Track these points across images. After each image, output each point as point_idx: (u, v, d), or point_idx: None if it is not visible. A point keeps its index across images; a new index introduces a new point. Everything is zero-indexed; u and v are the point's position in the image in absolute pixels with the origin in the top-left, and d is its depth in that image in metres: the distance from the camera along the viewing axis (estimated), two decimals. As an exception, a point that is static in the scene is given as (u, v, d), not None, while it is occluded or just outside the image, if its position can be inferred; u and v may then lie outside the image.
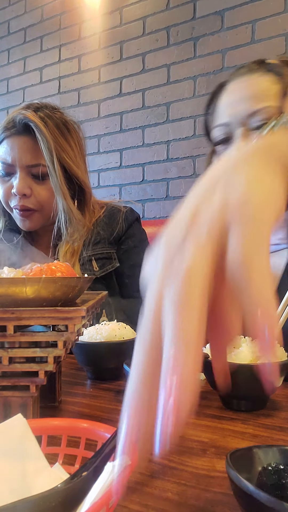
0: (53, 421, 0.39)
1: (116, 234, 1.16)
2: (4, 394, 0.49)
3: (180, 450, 0.47)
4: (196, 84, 2.07)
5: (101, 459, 0.32)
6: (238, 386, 0.58)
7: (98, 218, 1.17)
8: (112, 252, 1.15)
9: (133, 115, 2.28)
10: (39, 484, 0.31)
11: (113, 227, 1.17)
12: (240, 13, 1.94)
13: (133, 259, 1.17)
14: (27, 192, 1.07)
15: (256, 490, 0.29)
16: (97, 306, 0.61)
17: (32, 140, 1.05)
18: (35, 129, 1.03)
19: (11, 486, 0.30)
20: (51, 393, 0.62)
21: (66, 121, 1.11)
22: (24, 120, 1.04)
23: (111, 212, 1.20)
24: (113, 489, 0.27)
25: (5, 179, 1.09)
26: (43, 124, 1.04)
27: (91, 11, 2.44)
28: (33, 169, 1.07)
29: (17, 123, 1.05)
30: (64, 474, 0.34)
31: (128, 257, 1.16)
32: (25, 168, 1.07)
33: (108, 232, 1.16)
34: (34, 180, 1.08)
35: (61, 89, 2.56)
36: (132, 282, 1.16)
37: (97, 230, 1.15)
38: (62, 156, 1.06)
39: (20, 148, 1.06)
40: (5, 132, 1.07)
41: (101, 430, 0.37)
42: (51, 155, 1.03)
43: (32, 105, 1.10)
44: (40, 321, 0.48)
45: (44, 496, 0.28)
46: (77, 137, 1.14)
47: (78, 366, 0.82)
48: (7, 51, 2.80)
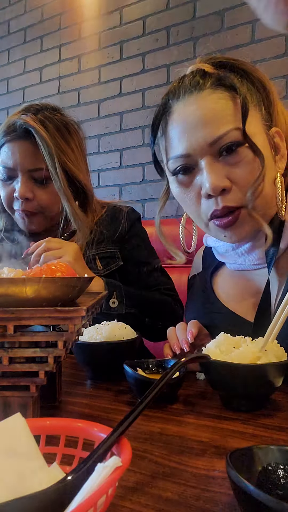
0: (52, 421, 0.39)
1: (119, 233, 1.17)
2: (4, 394, 0.49)
3: (180, 450, 0.47)
4: (196, 84, 2.07)
5: (93, 461, 0.32)
6: (238, 386, 0.58)
7: (100, 218, 1.17)
8: (115, 251, 1.15)
9: (133, 115, 2.28)
10: (35, 484, 0.31)
11: (116, 226, 1.17)
12: (240, 13, 1.94)
13: (138, 256, 1.18)
14: (29, 196, 1.07)
15: (256, 490, 0.29)
16: (97, 306, 0.61)
17: (33, 145, 1.05)
18: (35, 134, 1.03)
19: (7, 485, 0.30)
20: (51, 393, 0.62)
21: (66, 122, 1.11)
22: (25, 125, 1.04)
23: (113, 212, 1.20)
24: (103, 489, 0.27)
25: (7, 182, 1.10)
26: (43, 130, 1.04)
27: (91, 11, 2.44)
28: (35, 173, 1.07)
29: (18, 127, 1.05)
30: (61, 474, 0.34)
31: (132, 256, 1.17)
32: (26, 172, 1.07)
33: (111, 231, 1.16)
34: (36, 184, 1.08)
35: (61, 89, 2.56)
36: (139, 279, 1.17)
37: (100, 229, 1.15)
38: (63, 160, 1.06)
39: (21, 152, 1.06)
40: (5, 136, 1.07)
41: (99, 431, 0.37)
42: (53, 160, 1.04)
43: (32, 107, 1.10)
44: (40, 321, 0.48)
45: (33, 496, 0.28)
46: (77, 138, 1.14)
47: (78, 366, 0.82)
48: (7, 51, 2.80)
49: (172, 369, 0.49)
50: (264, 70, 0.84)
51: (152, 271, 1.18)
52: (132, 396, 0.66)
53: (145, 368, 0.70)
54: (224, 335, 0.65)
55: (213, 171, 0.73)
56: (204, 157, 0.74)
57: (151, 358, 0.74)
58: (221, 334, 0.66)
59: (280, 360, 0.60)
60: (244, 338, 0.64)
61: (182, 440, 0.50)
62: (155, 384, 0.44)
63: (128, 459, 0.31)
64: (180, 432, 0.52)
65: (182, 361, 0.53)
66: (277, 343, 0.63)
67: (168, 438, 0.50)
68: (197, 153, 0.74)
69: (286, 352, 0.62)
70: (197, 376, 0.76)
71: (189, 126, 0.74)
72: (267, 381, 0.58)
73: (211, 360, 0.59)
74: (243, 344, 0.62)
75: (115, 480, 0.29)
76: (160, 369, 0.71)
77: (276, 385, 0.59)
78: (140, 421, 0.54)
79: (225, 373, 0.59)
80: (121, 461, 0.30)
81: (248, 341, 0.63)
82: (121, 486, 0.39)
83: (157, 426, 0.54)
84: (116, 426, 0.36)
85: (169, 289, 1.19)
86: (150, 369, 0.71)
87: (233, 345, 0.62)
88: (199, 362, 0.64)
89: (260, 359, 0.60)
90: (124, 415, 0.38)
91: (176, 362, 0.52)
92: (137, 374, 0.64)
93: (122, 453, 0.33)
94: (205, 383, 0.72)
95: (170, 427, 0.54)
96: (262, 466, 0.35)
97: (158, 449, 0.47)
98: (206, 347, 0.64)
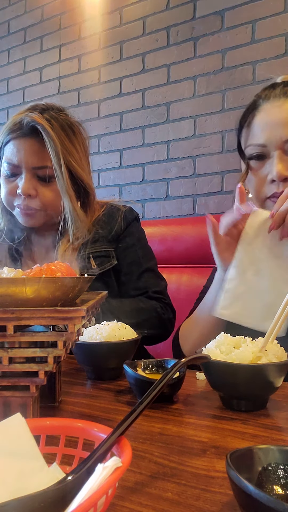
0: (52, 421, 0.39)
1: (115, 233, 1.16)
2: (4, 394, 0.49)
3: (180, 450, 0.47)
4: (196, 84, 2.07)
5: (93, 461, 0.32)
6: (238, 386, 0.58)
7: (97, 217, 1.17)
8: (110, 251, 1.15)
9: (133, 115, 2.28)
10: (35, 484, 0.31)
11: (111, 226, 1.17)
12: (240, 13, 1.94)
13: (131, 257, 1.17)
14: (32, 193, 1.07)
15: (256, 490, 0.29)
16: (97, 306, 0.61)
17: (39, 142, 1.05)
18: (42, 132, 1.04)
19: (6, 485, 0.30)
20: (51, 393, 0.62)
21: (71, 123, 1.12)
22: (32, 123, 1.04)
23: (111, 211, 1.20)
24: (103, 489, 0.27)
25: (11, 179, 1.10)
26: (50, 127, 1.04)
27: (91, 11, 2.44)
28: (39, 171, 1.07)
29: (24, 125, 1.05)
30: (60, 474, 0.34)
31: (126, 255, 1.17)
32: (31, 169, 1.07)
33: (107, 231, 1.16)
34: (40, 181, 1.08)
35: (61, 89, 2.56)
36: (129, 280, 1.16)
37: (96, 228, 1.15)
38: (68, 159, 1.07)
39: (27, 150, 1.06)
40: (11, 133, 1.08)
41: (99, 431, 0.37)
42: (58, 158, 1.04)
43: (38, 106, 1.11)
44: (40, 321, 0.48)
45: (33, 497, 0.28)
46: (81, 139, 1.15)
47: (78, 366, 0.82)
48: (7, 51, 2.80)
49: (172, 369, 0.49)
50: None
51: (143, 273, 1.16)
52: (132, 396, 0.66)
53: (145, 368, 0.70)
54: (224, 335, 0.65)
55: (281, 162, 0.89)
56: (277, 150, 0.90)
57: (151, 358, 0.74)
58: (221, 334, 0.66)
59: (280, 360, 0.60)
60: (244, 338, 0.64)
61: (182, 440, 0.50)
62: (155, 384, 0.44)
63: (128, 459, 0.31)
64: (180, 432, 0.52)
65: (182, 361, 0.53)
66: (277, 343, 0.63)
67: (168, 438, 0.50)
68: (272, 146, 0.90)
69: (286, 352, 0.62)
70: (197, 376, 0.76)
71: (272, 123, 0.91)
72: (267, 381, 0.58)
73: (211, 360, 0.59)
74: (243, 344, 0.62)
75: (115, 480, 0.29)
76: (160, 369, 0.71)
77: (276, 385, 0.59)
78: (140, 421, 0.54)
79: (225, 373, 0.59)
80: (121, 461, 0.30)
81: (248, 341, 0.63)
82: (121, 486, 0.39)
83: (157, 426, 0.54)
84: (116, 426, 0.36)
85: (158, 292, 1.16)
86: (150, 369, 0.71)
87: (233, 345, 0.62)
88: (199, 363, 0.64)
89: (260, 359, 0.60)
90: (124, 415, 0.38)
91: (176, 362, 0.52)
92: (137, 374, 0.64)
93: (122, 453, 0.33)
94: (205, 383, 0.72)
95: (170, 427, 0.54)
96: (262, 466, 0.35)
97: (158, 449, 0.47)
98: (206, 347, 0.64)
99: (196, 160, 2.06)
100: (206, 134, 2.03)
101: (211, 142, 2.01)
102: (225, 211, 0.91)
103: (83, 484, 0.29)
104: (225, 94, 1.98)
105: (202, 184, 2.04)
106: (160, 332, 1.13)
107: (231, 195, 1.95)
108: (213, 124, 2.01)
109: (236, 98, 1.94)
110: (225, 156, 1.98)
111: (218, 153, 2.00)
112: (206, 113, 2.03)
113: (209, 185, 2.02)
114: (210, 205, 2.01)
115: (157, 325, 1.10)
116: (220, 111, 1.99)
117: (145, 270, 1.17)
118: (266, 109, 0.94)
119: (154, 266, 1.21)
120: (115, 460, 0.30)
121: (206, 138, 2.03)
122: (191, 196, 2.06)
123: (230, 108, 1.96)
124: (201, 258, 1.54)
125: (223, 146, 1.99)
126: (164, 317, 1.13)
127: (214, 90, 2.01)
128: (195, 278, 1.55)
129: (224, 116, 1.98)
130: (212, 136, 2.01)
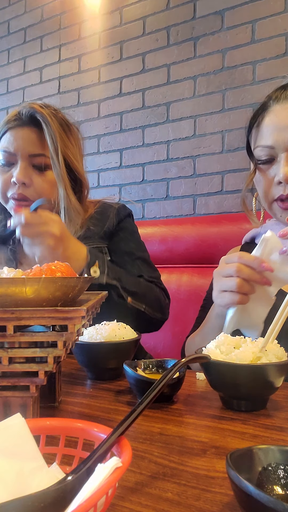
0: (52, 421, 0.39)
1: (107, 228, 1.16)
2: (4, 394, 0.49)
3: (180, 450, 0.47)
4: (196, 84, 2.06)
5: (93, 461, 0.32)
6: (238, 386, 0.58)
7: (90, 214, 1.17)
8: (103, 247, 1.14)
9: (133, 115, 2.28)
10: (34, 484, 0.31)
11: (104, 222, 1.16)
12: (240, 13, 1.94)
13: (124, 248, 1.16)
14: (27, 181, 1.07)
15: (256, 490, 0.29)
16: (97, 306, 0.61)
17: (36, 132, 1.07)
18: (41, 119, 1.05)
19: (6, 485, 0.30)
20: (51, 393, 0.62)
21: (67, 121, 1.15)
22: (31, 111, 1.06)
23: (103, 208, 1.20)
24: (103, 490, 0.27)
25: (5, 169, 1.10)
26: (49, 116, 1.07)
27: (91, 11, 2.43)
28: (35, 159, 1.08)
29: (23, 115, 1.07)
30: (60, 474, 0.34)
31: (118, 247, 1.16)
32: (27, 158, 1.08)
33: (99, 227, 1.15)
34: (35, 170, 1.09)
35: (61, 89, 2.56)
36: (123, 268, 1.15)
37: (88, 225, 1.15)
38: (64, 150, 1.08)
39: (24, 138, 1.08)
40: (8, 124, 1.09)
41: (99, 431, 0.37)
42: (56, 146, 1.06)
43: (36, 103, 1.13)
44: (40, 321, 0.48)
45: (33, 497, 0.28)
46: (77, 138, 1.17)
47: (78, 366, 0.82)
48: (7, 51, 2.80)
49: (172, 369, 0.49)
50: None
51: (135, 260, 1.15)
52: (132, 396, 0.66)
53: (145, 368, 0.70)
54: (224, 335, 0.65)
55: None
56: (284, 152, 0.90)
57: (151, 358, 0.74)
58: (221, 334, 0.66)
59: (280, 360, 0.60)
60: (244, 338, 0.64)
61: (182, 440, 0.50)
62: (155, 384, 0.44)
63: (128, 459, 0.31)
64: (180, 432, 0.52)
65: (182, 361, 0.53)
66: (277, 343, 0.63)
67: (168, 438, 0.50)
68: (280, 148, 0.90)
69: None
70: (197, 376, 0.76)
71: (281, 125, 0.91)
72: (267, 381, 0.58)
73: (211, 360, 0.59)
74: (243, 344, 0.62)
75: (115, 480, 0.29)
76: (160, 369, 0.71)
77: (276, 385, 0.59)
78: (140, 421, 0.54)
79: (225, 373, 0.59)
80: (121, 461, 0.30)
81: (248, 341, 0.63)
82: (121, 487, 0.39)
83: (157, 426, 0.53)
84: (116, 427, 0.36)
85: (154, 277, 1.14)
86: (150, 369, 0.71)
87: (233, 345, 0.62)
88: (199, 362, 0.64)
89: (260, 359, 0.60)
90: (124, 415, 0.38)
91: (176, 362, 0.52)
92: (137, 374, 0.63)
93: (122, 453, 0.33)
94: (205, 383, 0.72)
95: (170, 427, 0.53)
96: (262, 466, 0.35)
97: (158, 449, 0.47)
98: (206, 347, 0.64)
99: (196, 160, 2.06)
100: (206, 134, 2.03)
101: (211, 142, 2.01)
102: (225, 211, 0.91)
103: (83, 484, 0.29)
104: (225, 94, 1.98)
105: (202, 184, 2.03)
106: (156, 311, 1.09)
107: (231, 195, 1.96)
108: (213, 124, 2.01)
109: (236, 98, 1.94)
110: (225, 156, 1.98)
111: (218, 153, 2.00)
112: (206, 113, 2.03)
113: (209, 185, 2.02)
114: (210, 205, 2.00)
115: (155, 303, 1.08)
116: (220, 111, 1.99)
117: (138, 258, 1.15)
118: (276, 110, 0.93)
119: (147, 257, 1.19)
120: (115, 460, 0.30)
121: (206, 138, 2.03)
122: (191, 196, 2.06)
123: (230, 108, 1.96)
124: (201, 258, 1.54)
125: (223, 146, 1.98)
126: (161, 298, 1.11)
127: (214, 90, 2.01)
128: (195, 278, 1.55)
129: (224, 116, 1.98)
130: (212, 136, 2.01)
